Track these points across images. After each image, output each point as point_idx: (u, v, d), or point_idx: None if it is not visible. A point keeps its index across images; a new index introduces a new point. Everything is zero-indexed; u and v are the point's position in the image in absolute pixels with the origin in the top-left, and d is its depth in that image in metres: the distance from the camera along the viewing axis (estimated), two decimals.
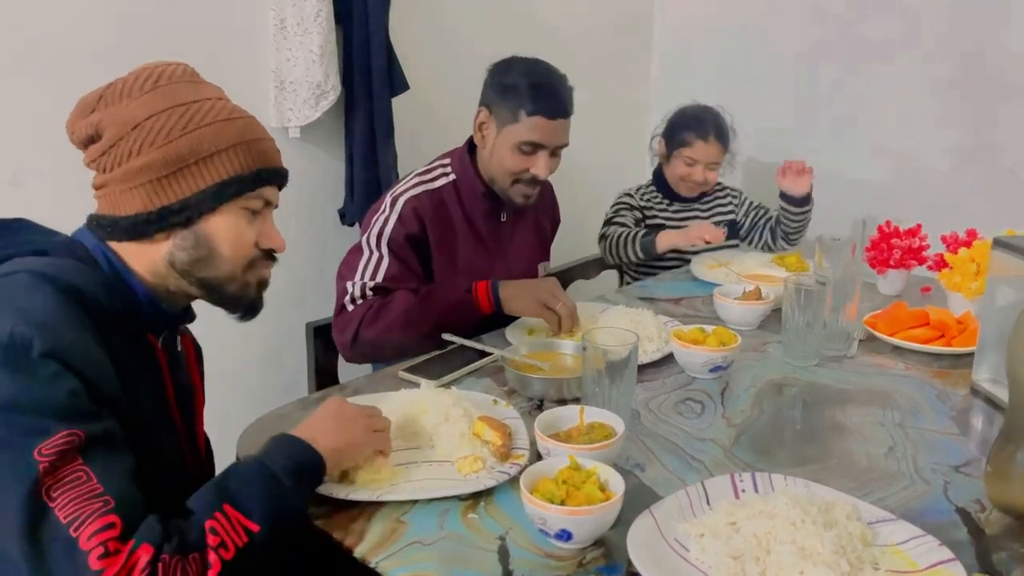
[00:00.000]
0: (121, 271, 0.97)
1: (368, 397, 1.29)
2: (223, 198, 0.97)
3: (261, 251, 1.03)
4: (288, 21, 1.92)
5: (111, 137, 0.94)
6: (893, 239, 1.85)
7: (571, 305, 1.57)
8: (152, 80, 0.96)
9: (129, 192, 0.94)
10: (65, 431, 0.78)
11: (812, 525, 0.89)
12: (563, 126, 1.66)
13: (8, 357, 0.79)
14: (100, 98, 0.96)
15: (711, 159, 2.23)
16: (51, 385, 0.79)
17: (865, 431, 1.23)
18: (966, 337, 1.52)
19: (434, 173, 1.72)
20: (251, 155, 0.98)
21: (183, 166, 0.94)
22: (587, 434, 1.09)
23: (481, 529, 0.97)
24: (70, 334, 0.83)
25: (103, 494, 0.77)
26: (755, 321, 1.65)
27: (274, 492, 0.89)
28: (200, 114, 0.95)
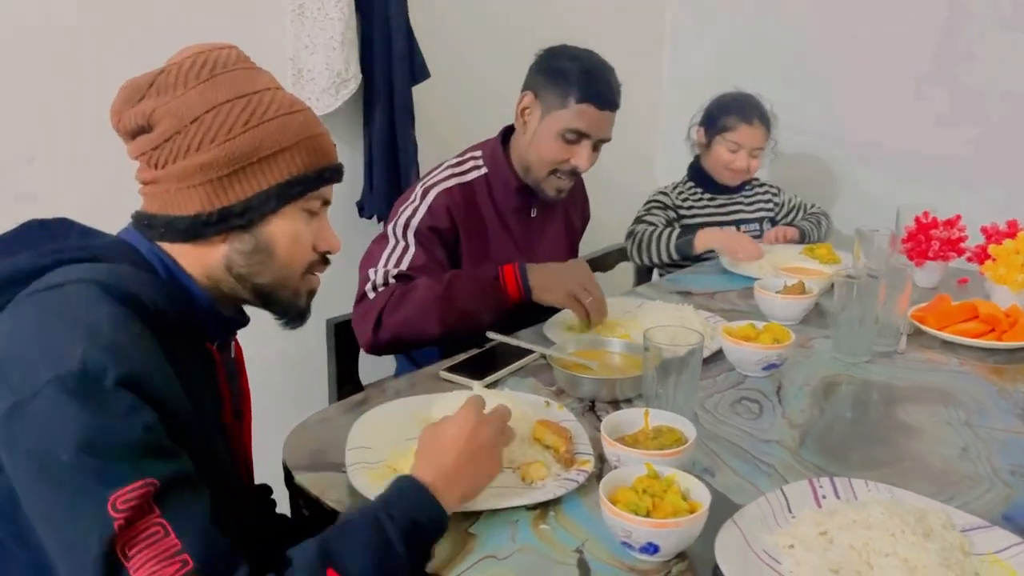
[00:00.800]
0: (179, 275, 0.90)
1: (410, 400, 1.23)
2: (286, 199, 0.90)
3: (317, 254, 0.97)
4: (307, 6, 1.84)
5: (166, 130, 0.86)
6: (931, 230, 1.81)
7: (600, 298, 1.51)
8: (208, 67, 0.88)
9: (186, 191, 0.87)
10: (141, 481, 0.71)
11: (912, 536, 0.85)
12: (610, 119, 1.62)
13: (81, 387, 0.71)
14: (151, 84, 0.88)
15: (755, 144, 2.17)
16: (126, 421, 0.72)
17: (933, 431, 1.19)
18: (1018, 331, 1.48)
19: (466, 165, 1.66)
20: (314, 152, 0.92)
21: (245, 164, 0.88)
22: (655, 439, 1.04)
23: (555, 541, 0.92)
24: (142, 357, 0.77)
25: (181, 551, 0.70)
26: (799, 316, 1.61)
27: (385, 560, 0.79)
28: (262, 107, 0.89)
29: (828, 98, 2.65)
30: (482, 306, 1.51)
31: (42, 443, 0.70)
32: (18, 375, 0.73)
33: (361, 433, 1.11)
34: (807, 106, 2.65)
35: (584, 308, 1.49)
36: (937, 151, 2.45)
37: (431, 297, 1.49)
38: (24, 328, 0.77)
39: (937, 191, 2.39)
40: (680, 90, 3.04)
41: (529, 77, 1.65)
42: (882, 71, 2.54)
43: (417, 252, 1.56)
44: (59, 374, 0.71)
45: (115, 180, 1.18)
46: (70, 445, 0.70)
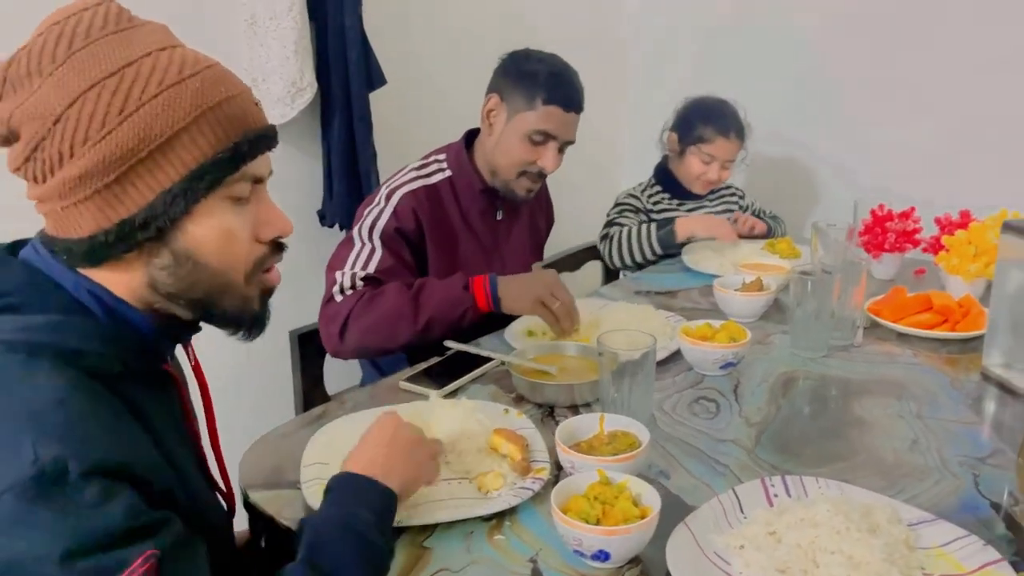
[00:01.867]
0: (116, 308, 0.77)
1: (369, 413, 1.23)
2: (198, 193, 0.73)
3: (265, 245, 0.82)
4: (259, 16, 1.83)
5: (30, 137, 0.70)
6: (887, 223, 1.83)
7: (569, 301, 1.52)
8: (65, 43, 0.70)
9: (74, 208, 0.72)
10: (139, 557, 0.64)
11: (857, 532, 0.86)
12: (575, 121, 1.64)
13: (43, 491, 0.62)
14: (3, 81, 0.71)
15: (728, 156, 2.16)
16: (103, 510, 0.63)
17: (885, 424, 1.21)
18: (970, 321, 1.50)
19: (430, 168, 1.67)
20: (221, 125, 0.74)
21: (133, 163, 0.70)
22: (610, 444, 1.04)
23: (510, 551, 0.92)
24: (101, 435, 0.67)
25: None
26: (758, 312, 1.62)
27: (370, 555, 0.80)
28: (140, 83, 0.70)
29: (794, 96, 2.67)
30: (451, 316, 1.51)
31: (16, 562, 0.61)
32: None
33: (317, 449, 1.11)
34: (774, 105, 2.68)
35: (553, 314, 1.50)
36: (899, 142, 2.48)
37: (400, 304, 1.49)
38: None
39: (902, 183, 2.42)
40: (645, 90, 3.06)
41: (494, 79, 1.66)
42: (850, 66, 2.57)
43: (384, 255, 1.56)
44: (14, 482, 0.62)
45: None
46: (53, 559, 0.61)
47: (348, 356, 1.58)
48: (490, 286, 1.53)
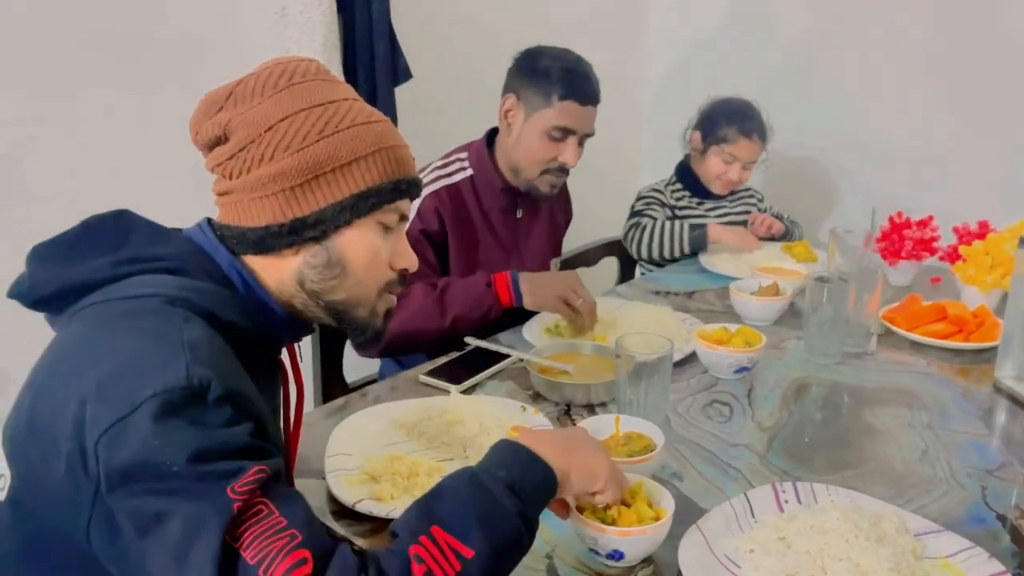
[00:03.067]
0: (256, 290, 0.89)
1: (391, 405, 1.26)
2: (361, 211, 0.88)
3: (394, 272, 0.95)
4: (289, 9, 1.85)
5: (241, 140, 0.86)
6: (904, 230, 1.85)
7: (592, 301, 1.55)
8: (286, 77, 0.87)
9: (259, 201, 0.86)
10: (255, 467, 0.71)
11: (865, 541, 0.89)
12: (592, 113, 1.66)
13: (187, 402, 0.71)
14: (229, 95, 0.88)
15: (750, 158, 2.18)
16: (231, 430, 0.73)
17: (896, 433, 1.23)
18: (984, 332, 1.52)
19: (452, 167, 1.70)
20: (391, 163, 0.90)
21: (319, 174, 0.86)
22: (625, 445, 1.07)
23: None
24: (235, 374, 0.77)
25: (288, 527, 0.69)
26: (773, 316, 1.64)
27: (490, 511, 0.75)
28: (338, 116, 0.86)
29: (811, 97, 2.68)
30: (476, 312, 1.55)
31: (148, 457, 0.69)
32: (118, 392, 0.71)
33: (340, 440, 1.14)
34: (791, 104, 2.68)
35: (574, 312, 1.53)
36: (921, 151, 2.49)
37: (426, 304, 1.53)
38: (117, 341, 0.75)
39: (920, 190, 2.43)
40: (663, 86, 3.07)
41: (509, 80, 1.68)
42: (868, 71, 2.57)
43: None
44: (164, 388, 0.71)
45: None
46: (181, 458, 0.69)
47: (377, 355, 1.63)
48: (512, 282, 1.56)
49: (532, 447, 0.83)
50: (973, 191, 2.33)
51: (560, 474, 0.83)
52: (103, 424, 0.70)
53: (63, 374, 0.75)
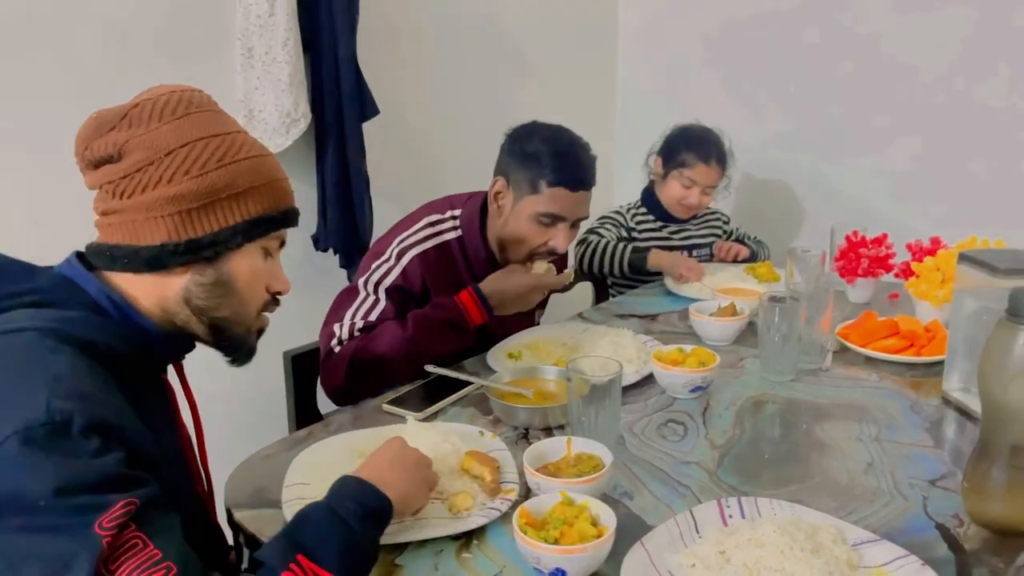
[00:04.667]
0: (129, 313, 0.93)
1: (353, 435, 1.29)
2: (251, 236, 0.95)
3: (269, 295, 1.02)
4: (256, 50, 1.91)
5: (137, 161, 0.90)
6: (860, 248, 1.89)
7: (553, 282, 1.61)
8: (183, 105, 0.93)
9: (154, 221, 0.90)
10: (122, 502, 0.74)
11: (800, 552, 0.91)
12: (585, 198, 1.61)
13: (48, 437, 0.74)
14: (124, 116, 0.92)
15: (709, 182, 2.24)
16: (98, 460, 0.76)
17: (844, 447, 1.26)
18: (935, 345, 1.56)
19: (444, 225, 1.67)
20: (279, 195, 0.97)
21: (216, 199, 0.92)
22: (575, 466, 1.10)
23: (475, 569, 0.98)
24: (104, 403, 0.80)
25: (163, 560, 0.74)
26: (732, 336, 1.68)
27: (346, 539, 0.86)
28: (235, 147, 0.93)
29: (782, 123, 2.74)
30: (449, 337, 1.56)
31: (13, 493, 0.72)
32: None
33: (299, 470, 1.16)
34: (757, 129, 2.75)
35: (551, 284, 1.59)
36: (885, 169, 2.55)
37: (399, 339, 1.52)
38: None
39: (881, 209, 2.48)
40: (634, 116, 3.13)
41: (500, 160, 1.65)
42: (832, 95, 2.64)
43: (387, 307, 1.59)
44: (25, 425, 0.74)
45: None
46: (46, 492, 0.72)
47: (355, 400, 1.56)
48: (478, 299, 1.56)
49: (371, 480, 0.95)
50: (930, 210, 2.39)
51: (396, 501, 0.96)
52: None
53: None
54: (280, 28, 1.90)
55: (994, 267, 1.30)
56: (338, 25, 1.99)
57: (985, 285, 1.32)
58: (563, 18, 2.88)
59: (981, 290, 1.34)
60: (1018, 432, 1.01)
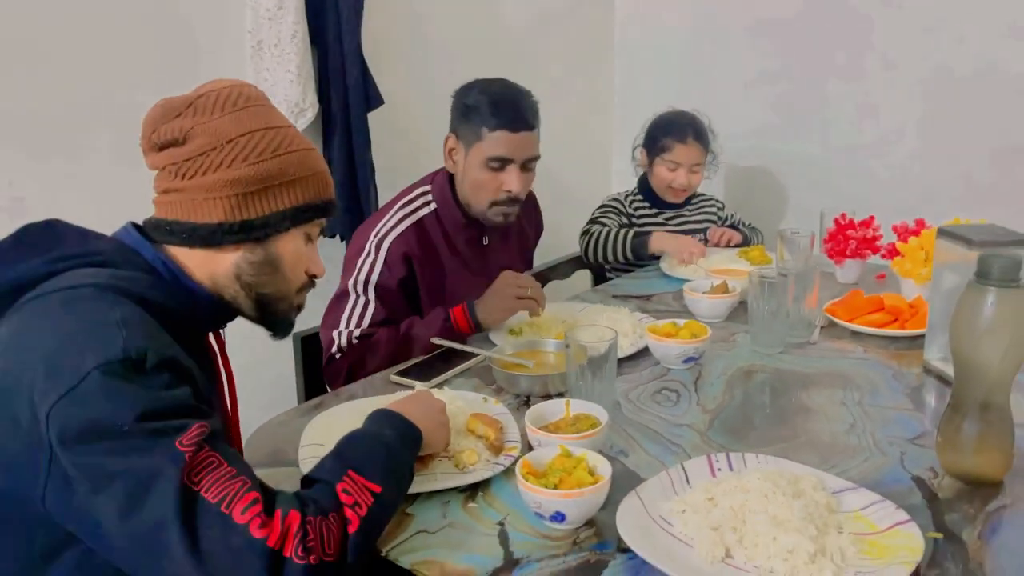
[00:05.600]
0: (180, 277, 1.01)
1: (364, 401, 1.36)
2: (297, 221, 1.04)
3: (307, 276, 1.11)
4: (265, 43, 1.98)
5: (201, 146, 0.98)
6: (848, 231, 1.96)
7: (535, 284, 1.66)
8: (243, 99, 1.02)
9: (212, 201, 0.99)
10: (197, 424, 0.83)
11: (782, 496, 0.98)
12: (528, 139, 1.69)
13: (128, 370, 0.82)
14: (190, 105, 1.00)
15: (692, 161, 2.31)
16: (172, 392, 0.84)
17: (828, 411, 1.33)
18: (918, 320, 1.63)
19: (416, 203, 1.76)
20: (323, 186, 1.07)
21: (270, 185, 1.00)
22: (574, 424, 1.17)
23: (481, 517, 1.05)
24: (169, 346, 0.88)
25: (238, 475, 0.82)
26: (724, 313, 1.75)
27: (388, 457, 0.96)
28: (287, 140, 1.02)
29: (773, 110, 2.81)
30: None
31: (99, 420, 0.79)
32: (64, 367, 0.81)
33: (314, 432, 1.24)
34: (750, 117, 2.82)
35: (532, 299, 1.64)
36: (873, 155, 2.62)
37: (391, 352, 1.62)
38: (54, 327, 0.85)
39: (870, 193, 2.55)
40: (631, 103, 3.20)
41: (451, 119, 1.76)
42: (823, 80, 2.71)
43: (377, 308, 1.68)
44: (105, 360, 0.81)
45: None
46: (128, 417, 0.80)
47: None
48: (470, 314, 1.64)
49: (404, 414, 1.05)
50: (917, 193, 2.46)
51: (424, 432, 1.06)
52: (53, 397, 0.80)
53: (11, 360, 0.85)
54: (288, 22, 1.98)
55: (970, 240, 1.37)
56: (344, 19, 2.06)
57: (962, 259, 1.39)
58: (562, 13, 2.95)
59: (959, 264, 1.41)
60: (987, 388, 1.08)
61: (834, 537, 0.95)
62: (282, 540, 0.80)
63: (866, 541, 0.95)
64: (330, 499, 0.87)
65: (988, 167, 2.43)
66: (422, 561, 0.96)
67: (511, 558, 0.96)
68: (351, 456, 0.94)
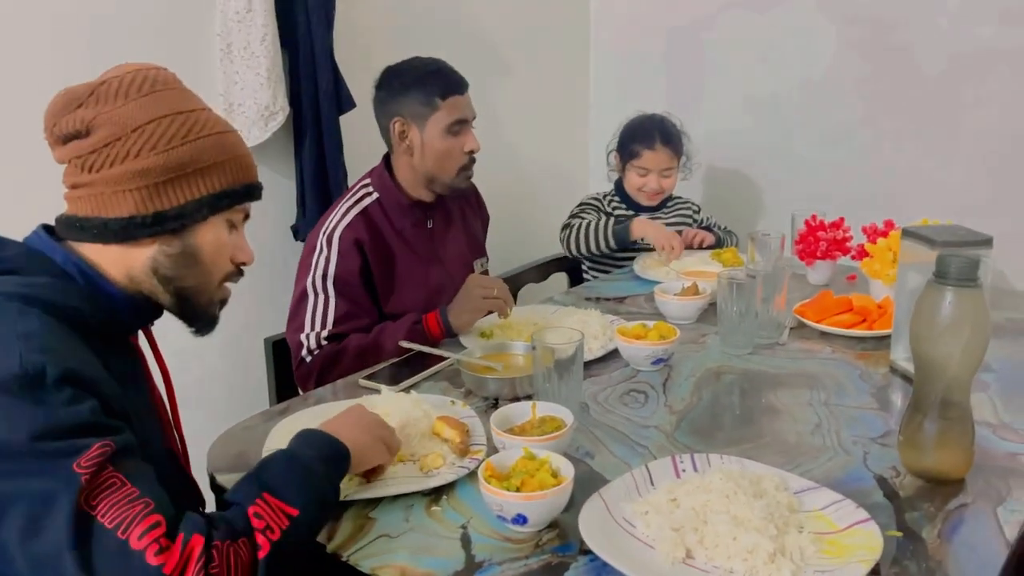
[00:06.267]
0: (95, 279, 0.97)
1: (330, 406, 1.35)
2: (215, 209, 1.00)
3: (233, 266, 1.07)
4: (234, 45, 1.96)
5: (105, 136, 0.94)
6: (819, 232, 1.98)
7: (496, 285, 1.67)
8: (148, 83, 0.97)
9: (122, 194, 0.95)
10: (98, 443, 0.79)
11: (743, 496, 0.99)
12: (470, 99, 1.81)
13: (24, 388, 0.79)
14: (91, 94, 0.95)
15: (662, 166, 2.32)
16: (72, 407, 0.81)
17: (794, 411, 1.34)
18: (885, 320, 1.64)
19: (359, 195, 1.80)
20: (242, 170, 1.02)
21: (182, 174, 0.96)
22: (539, 427, 1.17)
23: (444, 520, 1.05)
24: (74, 356, 0.85)
25: (140, 497, 0.79)
26: (693, 315, 1.76)
27: (306, 479, 0.92)
28: (199, 125, 0.98)
29: (743, 112, 2.83)
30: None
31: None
32: None
33: (279, 437, 1.22)
34: (725, 120, 2.83)
35: (497, 300, 1.64)
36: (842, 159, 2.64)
37: (362, 354, 1.62)
38: None
39: (842, 195, 2.57)
40: (607, 106, 3.21)
41: (384, 107, 1.79)
42: (801, 86, 2.73)
43: (339, 302, 1.69)
44: (1, 379, 0.78)
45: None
46: (23, 438, 0.77)
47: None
48: (442, 319, 1.65)
49: (329, 431, 1.01)
50: (888, 194, 2.49)
51: (353, 451, 1.01)
52: None
53: None
54: (258, 24, 1.96)
55: (933, 240, 1.38)
56: (314, 21, 2.05)
57: (926, 259, 1.40)
58: (536, 16, 2.95)
59: (922, 264, 1.42)
60: (947, 386, 1.09)
61: (794, 536, 0.95)
62: (182, 566, 0.77)
63: (826, 540, 0.96)
64: (241, 522, 0.85)
65: (962, 171, 2.46)
66: (382, 565, 0.95)
67: (473, 561, 0.96)
68: (266, 478, 0.91)
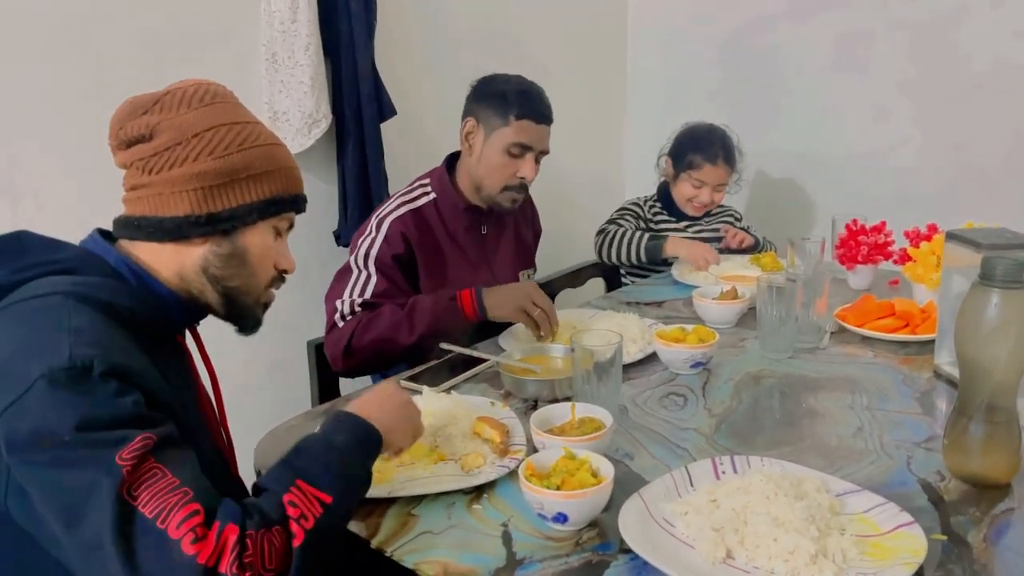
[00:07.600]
0: (146, 279, 1.03)
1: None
2: (264, 215, 1.05)
3: (277, 272, 1.12)
4: (279, 55, 2.01)
5: (167, 141, 1.00)
6: (860, 236, 1.96)
7: (548, 307, 1.66)
8: (209, 95, 1.04)
9: (179, 195, 1.00)
10: (140, 436, 0.82)
11: (784, 498, 0.99)
12: (547, 132, 1.80)
13: (72, 379, 0.82)
14: (156, 102, 1.02)
15: (717, 181, 2.32)
16: (117, 400, 0.84)
17: (836, 415, 1.33)
18: (929, 325, 1.62)
19: (415, 193, 1.83)
20: (291, 181, 1.08)
21: (236, 179, 1.02)
22: (579, 428, 1.18)
23: (485, 518, 1.06)
24: (122, 350, 0.89)
25: (180, 486, 0.82)
26: (733, 319, 1.75)
27: (339, 466, 0.94)
28: (253, 135, 1.04)
29: (786, 119, 2.81)
30: (442, 327, 1.66)
31: (41, 430, 0.80)
32: (13, 376, 0.83)
33: None
34: (766, 128, 2.82)
35: (533, 320, 1.64)
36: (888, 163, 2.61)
37: (395, 322, 1.65)
38: (10, 336, 0.87)
39: (882, 201, 2.54)
40: (644, 113, 3.21)
41: (468, 105, 1.82)
42: (841, 91, 2.71)
43: (379, 280, 1.72)
44: (49, 368, 0.82)
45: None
46: (69, 427, 0.80)
47: (353, 374, 1.77)
48: (476, 296, 1.67)
49: (363, 415, 1.02)
50: (931, 199, 2.45)
51: (385, 432, 1.03)
52: (1, 405, 0.82)
53: None
54: (302, 35, 2.01)
55: (978, 243, 1.36)
56: (356, 31, 2.09)
57: (971, 262, 1.38)
58: (575, 20, 2.97)
59: (967, 268, 1.40)
60: (993, 389, 1.08)
61: (836, 538, 0.95)
62: (217, 556, 0.79)
63: (869, 543, 0.95)
64: (276, 511, 0.86)
65: (1007, 173, 2.41)
66: (424, 560, 0.97)
67: (514, 558, 0.97)
68: (301, 464, 0.92)
